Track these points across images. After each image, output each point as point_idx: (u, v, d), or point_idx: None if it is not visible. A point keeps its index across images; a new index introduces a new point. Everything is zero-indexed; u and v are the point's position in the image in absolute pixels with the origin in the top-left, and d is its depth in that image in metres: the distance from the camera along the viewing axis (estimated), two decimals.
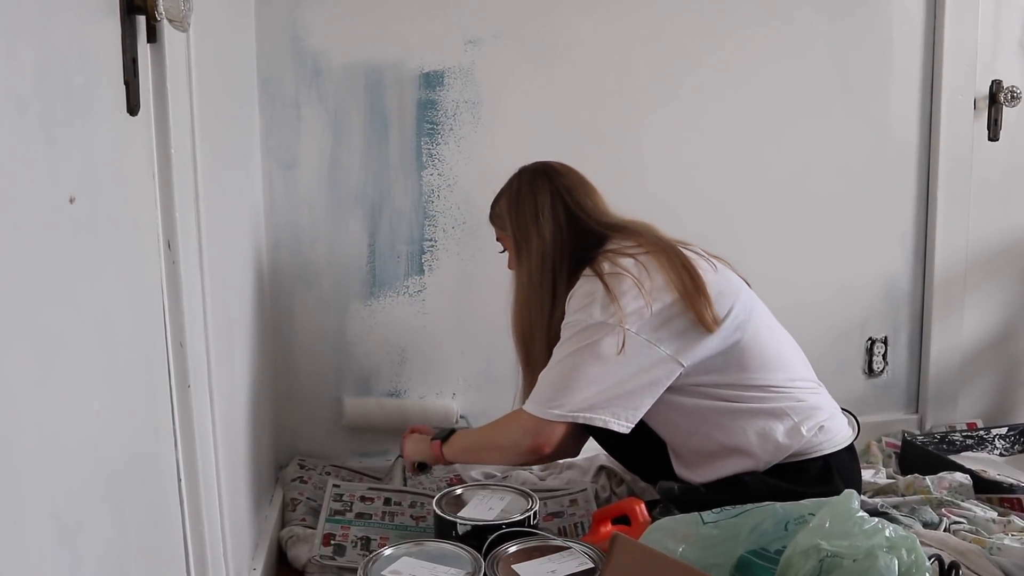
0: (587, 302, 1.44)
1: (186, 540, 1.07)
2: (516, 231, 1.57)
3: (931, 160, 2.11)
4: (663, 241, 1.51)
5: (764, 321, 1.52)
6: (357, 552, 1.55)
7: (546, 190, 1.55)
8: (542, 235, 1.53)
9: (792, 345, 1.57)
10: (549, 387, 1.46)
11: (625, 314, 1.41)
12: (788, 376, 1.50)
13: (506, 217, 1.60)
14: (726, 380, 1.47)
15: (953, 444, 2.03)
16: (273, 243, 1.85)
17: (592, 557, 1.36)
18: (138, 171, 0.95)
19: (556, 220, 1.53)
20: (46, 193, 0.70)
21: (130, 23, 0.88)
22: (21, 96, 0.66)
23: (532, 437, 1.46)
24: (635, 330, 1.41)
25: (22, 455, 0.65)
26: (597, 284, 1.44)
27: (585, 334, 1.43)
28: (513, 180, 1.61)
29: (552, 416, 1.43)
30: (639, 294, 1.42)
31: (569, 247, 1.53)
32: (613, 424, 1.42)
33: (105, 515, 0.81)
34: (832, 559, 1.09)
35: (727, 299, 1.46)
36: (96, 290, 0.81)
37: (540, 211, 1.54)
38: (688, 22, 1.95)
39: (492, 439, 1.55)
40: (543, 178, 1.57)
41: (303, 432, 1.93)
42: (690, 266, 1.46)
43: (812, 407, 1.49)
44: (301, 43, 1.81)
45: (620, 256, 1.48)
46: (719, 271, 1.51)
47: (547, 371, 1.47)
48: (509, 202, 1.59)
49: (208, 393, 1.13)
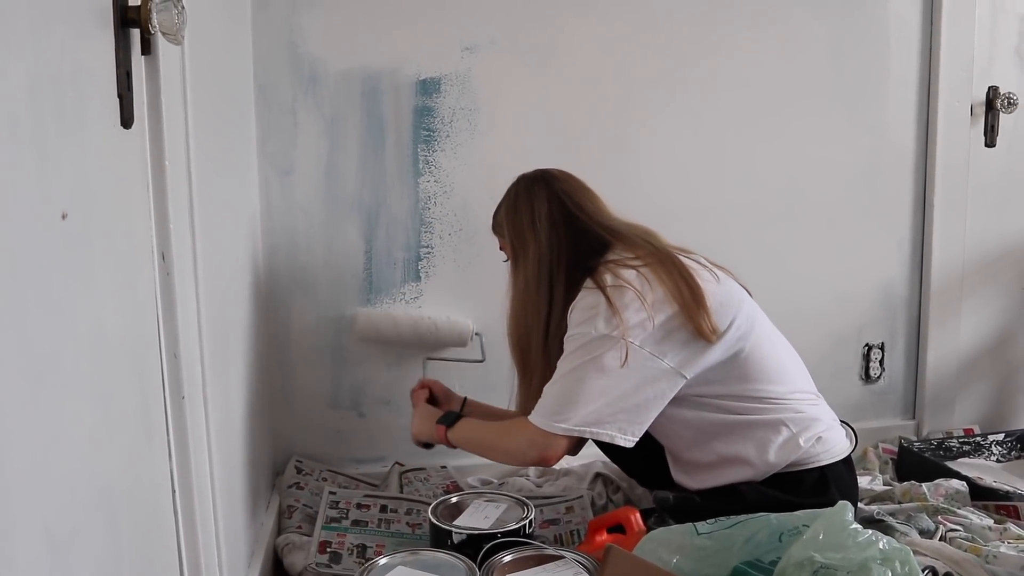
0: (590, 315, 1.44)
1: (180, 550, 1.07)
2: (514, 238, 1.57)
3: (928, 166, 2.11)
4: (664, 251, 1.50)
5: (765, 332, 1.52)
6: (353, 560, 1.55)
7: (543, 196, 1.55)
8: (538, 240, 1.53)
9: (792, 355, 1.57)
10: (554, 401, 1.45)
11: (628, 327, 1.40)
12: (788, 388, 1.50)
13: (504, 225, 1.60)
14: (726, 391, 1.47)
15: (950, 450, 2.03)
16: (270, 249, 1.86)
17: (587, 567, 1.35)
18: (132, 184, 0.95)
19: (553, 225, 1.53)
20: (38, 209, 0.70)
21: (124, 36, 0.88)
22: (12, 112, 0.66)
23: (538, 450, 1.46)
24: (638, 343, 1.41)
25: (13, 470, 0.65)
26: (599, 297, 1.44)
27: (589, 348, 1.43)
28: (511, 188, 1.61)
29: (558, 430, 1.43)
30: (642, 307, 1.42)
31: (567, 252, 1.52)
32: (619, 439, 1.43)
33: (98, 528, 0.81)
34: (826, 571, 1.09)
35: (729, 310, 1.46)
36: (89, 304, 0.81)
37: (537, 217, 1.54)
38: (684, 28, 1.95)
39: (498, 443, 1.55)
40: (540, 184, 1.57)
41: (299, 439, 1.93)
42: (689, 277, 1.45)
43: (811, 419, 1.49)
44: (298, 49, 1.82)
45: (622, 268, 1.47)
46: (721, 282, 1.50)
47: (552, 384, 1.47)
48: (507, 210, 1.60)
49: (203, 403, 1.13)
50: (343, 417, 1.95)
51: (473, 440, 1.59)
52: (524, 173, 1.61)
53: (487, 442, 1.57)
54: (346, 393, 1.94)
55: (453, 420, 1.61)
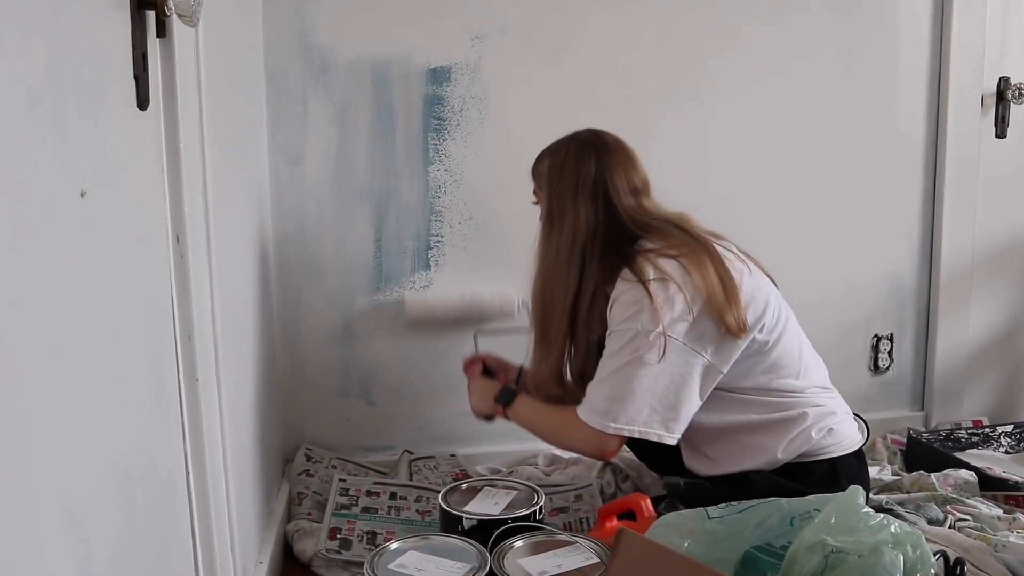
0: (635, 311, 1.43)
1: (194, 532, 1.08)
2: (552, 199, 1.54)
3: (938, 157, 2.10)
4: (701, 240, 1.48)
5: (790, 326, 1.52)
6: (363, 546, 1.55)
7: (591, 167, 1.51)
8: (577, 213, 1.50)
9: (810, 349, 1.57)
10: (604, 400, 1.45)
11: (672, 322, 1.40)
12: (807, 382, 1.51)
13: (544, 180, 1.56)
14: (750, 383, 1.48)
15: (959, 441, 2.03)
16: (280, 237, 1.86)
17: (598, 552, 1.36)
18: (147, 165, 0.95)
19: (595, 201, 1.50)
20: (58, 187, 0.71)
21: (140, 18, 0.88)
22: (33, 90, 0.66)
23: (594, 447, 1.50)
24: (681, 340, 1.41)
25: (34, 447, 0.65)
26: (642, 291, 1.42)
27: (634, 344, 1.42)
28: (562, 145, 1.56)
29: (610, 430, 1.45)
30: (684, 301, 1.41)
31: (603, 233, 1.50)
32: (667, 439, 1.44)
33: (115, 507, 0.82)
34: (837, 555, 1.09)
35: (759, 305, 1.46)
36: (106, 284, 0.81)
37: (581, 188, 1.51)
38: (695, 19, 1.95)
39: (556, 435, 1.59)
40: (591, 153, 1.53)
41: (309, 426, 1.94)
42: (725, 270, 1.44)
43: (826, 412, 1.50)
44: (308, 38, 1.82)
45: (661, 258, 1.45)
46: (753, 274, 1.49)
47: (600, 383, 1.47)
48: (552, 168, 1.55)
49: (216, 386, 1.14)
50: (353, 405, 1.96)
51: (531, 424, 1.61)
52: (579, 132, 1.57)
53: (545, 431, 1.60)
54: (355, 381, 1.95)
55: (510, 399, 1.62)
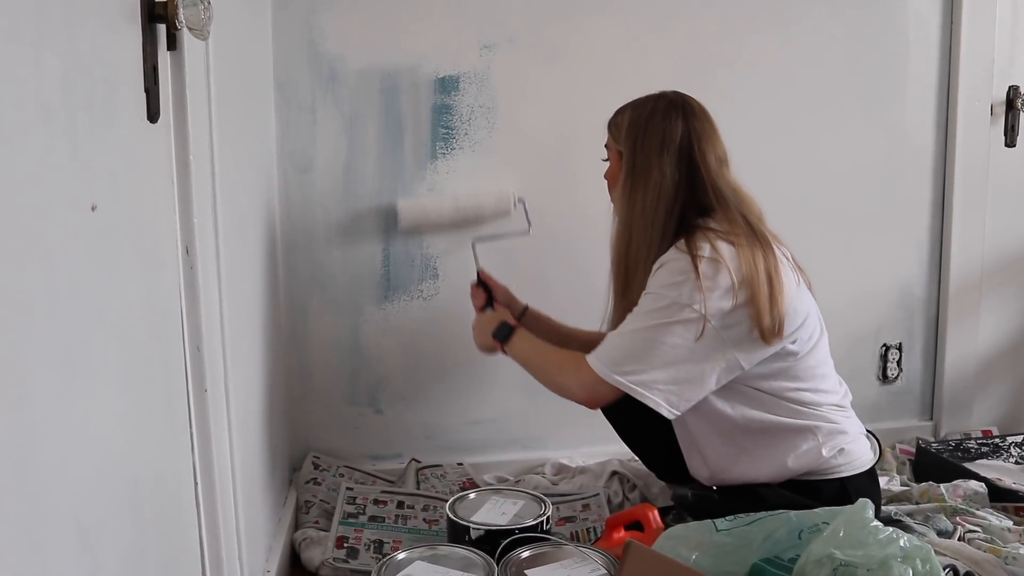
0: (679, 279, 1.41)
1: (202, 543, 1.08)
2: (634, 155, 1.50)
3: (947, 166, 2.10)
4: (761, 237, 1.47)
5: (821, 344, 1.51)
6: (370, 555, 1.55)
7: (678, 127, 1.49)
8: (663, 171, 1.47)
9: (833, 371, 1.56)
10: (621, 352, 1.43)
11: (711, 303, 1.38)
12: (823, 399, 1.50)
13: (625, 134, 1.53)
14: (769, 386, 1.46)
15: (968, 452, 2.02)
16: (288, 246, 1.86)
17: (605, 563, 1.36)
18: (157, 177, 0.96)
19: (679, 163, 1.48)
20: (69, 200, 0.71)
21: (151, 32, 0.89)
22: (46, 104, 0.67)
23: (587, 392, 1.47)
24: (715, 324, 1.39)
25: (45, 459, 0.65)
26: (691, 265, 1.40)
27: (669, 311, 1.40)
28: (648, 101, 1.53)
29: (613, 381, 1.42)
30: (730, 287, 1.39)
31: (683, 196, 1.48)
32: (664, 409, 1.41)
33: (125, 518, 0.82)
34: (846, 568, 1.09)
35: (797, 317, 1.44)
36: (117, 296, 0.81)
37: (667, 147, 1.48)
38: (702, 27, 1.95)
39: (551, 371, 1.55)
40: (679, 113, 1.50)
41: (316, 435, 1.94)
42: (776, 272, 1.42)
43: (839, 430, 1.49)
44: (317, 48, 1.82)
45: (720, 239, 1.43)
46: (800, 286, 1.48)
47: (620, 335, 1.45)
48: (635, 122, 1.52)
49: (224, 397, 1.14)
50: (360, 413, 1.96)
51: (528, 358, 1.59)
52: (665, 91, 1.55)
53: (541, 366, 1.57)
54: (363, 390, 1.95)
55: (507, 335, 1.61)
